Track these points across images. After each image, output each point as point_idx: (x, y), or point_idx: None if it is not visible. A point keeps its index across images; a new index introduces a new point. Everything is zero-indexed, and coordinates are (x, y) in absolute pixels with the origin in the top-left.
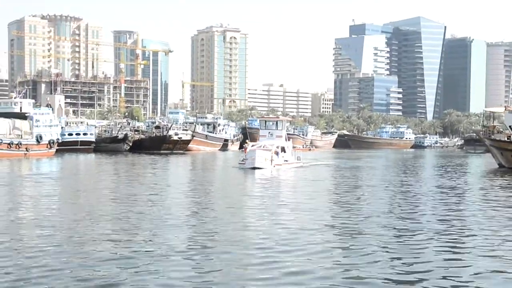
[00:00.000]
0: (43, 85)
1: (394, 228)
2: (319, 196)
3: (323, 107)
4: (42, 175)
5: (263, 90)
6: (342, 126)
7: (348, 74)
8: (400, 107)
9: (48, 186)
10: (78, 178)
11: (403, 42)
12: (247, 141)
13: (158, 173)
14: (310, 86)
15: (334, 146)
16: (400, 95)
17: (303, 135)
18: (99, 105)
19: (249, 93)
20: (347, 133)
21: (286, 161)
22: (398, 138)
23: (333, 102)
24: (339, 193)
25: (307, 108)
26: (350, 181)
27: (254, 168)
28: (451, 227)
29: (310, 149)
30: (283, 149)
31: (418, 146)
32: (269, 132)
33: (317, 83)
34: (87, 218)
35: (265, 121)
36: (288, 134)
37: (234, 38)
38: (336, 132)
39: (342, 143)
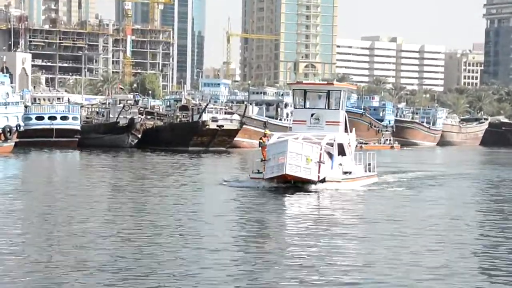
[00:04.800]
0: None
1: None
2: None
3: (464, 77)
4: None
5: (362, 48)
6: (498, 108)
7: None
8: None
9: None
10: (40, 213)
11: None
12: (266, 131)
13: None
14: (443, 41)
15: (482, 143)
16: None
17: (429, 123)
18: (90, 70)
19: (338, 53)
20: (507, 120)
21: (347, 173)
22: None
23: (482, 68)
24: None
25: (436, 79)
26: None
27: (284, 181)
28: None
29: (392, 147)
30: (340, 149)
31: None
32: (311, 116)
33: (455, 35)
34: None
35: (304, 91)
36: (400, 122)
37: None
38: (486, 119)
39: (496, 137)
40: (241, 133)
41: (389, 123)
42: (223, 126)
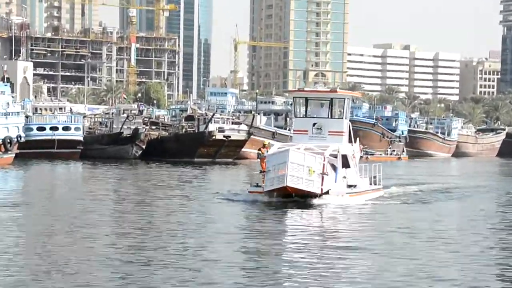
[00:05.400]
0: None
1: None
2: None
3: (480, 86)
4: None
5: (374, 56)
6: None
7: None
8: None
9: None
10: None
11: None
12: (266, 142)
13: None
14: (458, 49)
15: (499, 154)
16: None
17: (444, 133)
18: (93, 79)
19: (349, 61)
20: None
21: (352, 186)
22: None
23: (499, 76)
24: None
25: (451, 88)
26: None
27: (284, 194)
28: None
29: (400, 158)
30: (344, 161)
31: None
32: (313, 125)
33: (470, 43)
34: None
35: (306, 99)
36: (414, 132)
37: None
38: (503, 130)
39: None
40: (248, 144)
41: (402, 134)
42: (230, 136)
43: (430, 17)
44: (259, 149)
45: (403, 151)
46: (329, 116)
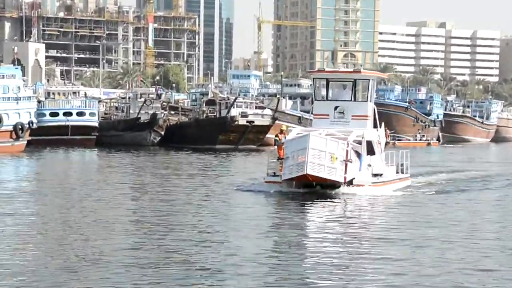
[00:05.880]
0: (6, 24)
1: None
2: None
3: None
4: None
5: (407, 35)
6: None
7: None
8: None
9: None
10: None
11: None
12: (284, 127)
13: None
14: (498, 26)
15: None
16: None
17: (482, 117)
18: (108, 62)
19: (380, 41)
20: None
21: (378, 175)
22: None
23: None
24: None
25: (490, 68)
26: None
27: (304, 183)
28: None
29: (429, 143)
30: (369, 148)
31: None
32: (335, 109)
33: (511, 20)
34: None
35: (327, 81)
36: (450, 116)
37: None
38: None
39: None
40: (273, 130)
41: (437, 118)
42: (253, 122)
43: None
44: (276, 135)
45: (439, 136)
46: (353, 99)
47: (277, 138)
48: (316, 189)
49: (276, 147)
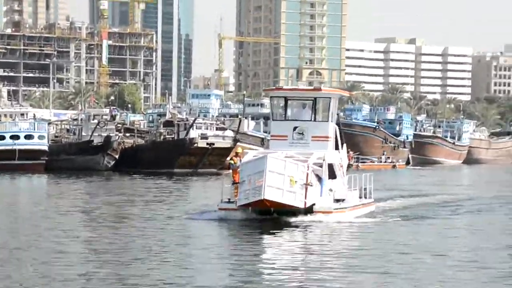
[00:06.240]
0: None
1: None
2: None
3: (495, 84)
4: None
5: (375, 52)
6: None
7: None
8: None
9: None
10: None
11: None
12: (239, 149)
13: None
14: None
15: None
16: None
17: (453, 138)
18: (59, 81)
19: (348, 58)
20: None
21: (340, 201)
22: None
23: None
24: None
25: (462, 86)
26: None
27: (260, 210)
28: None
29: (394, 166)
30: (331, 171)
31: None
32: (294, 130)
33: (483, 36)
34: None
35: (285, 99)
36: (420, 137)
37: None
38: None
39: None
40: (234, 152)
41: (407, 138)
42: (214, 144)
43: (439, 7)
44: (231, 158)
45: (408, 158)
46: (313, 119)
47: (232, 161)
48: (273, 215)
49: (231, 171)
